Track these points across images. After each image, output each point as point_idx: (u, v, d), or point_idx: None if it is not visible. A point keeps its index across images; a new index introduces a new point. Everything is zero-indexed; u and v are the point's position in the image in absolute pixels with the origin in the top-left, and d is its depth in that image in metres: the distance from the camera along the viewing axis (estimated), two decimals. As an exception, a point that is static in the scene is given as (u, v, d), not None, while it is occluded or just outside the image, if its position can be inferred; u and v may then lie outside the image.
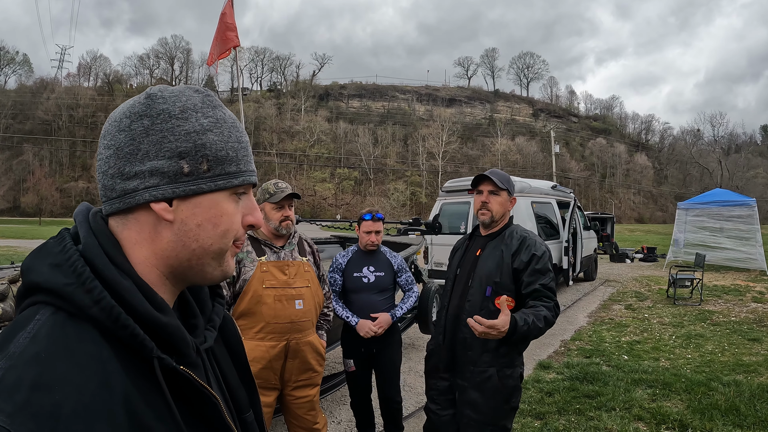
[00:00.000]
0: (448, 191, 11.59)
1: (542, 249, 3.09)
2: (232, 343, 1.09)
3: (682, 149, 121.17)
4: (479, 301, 3.11)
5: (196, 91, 0.89)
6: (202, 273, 0.90)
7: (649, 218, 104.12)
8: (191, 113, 0.85)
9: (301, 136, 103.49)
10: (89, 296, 0.73)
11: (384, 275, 4.13)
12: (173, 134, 0.83)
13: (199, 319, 0.97)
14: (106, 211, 0.85)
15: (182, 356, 0.83)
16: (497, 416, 3.05)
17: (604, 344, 7.92)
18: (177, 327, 0.82)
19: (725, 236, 18.14)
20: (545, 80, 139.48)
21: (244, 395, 1.05)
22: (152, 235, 0.85)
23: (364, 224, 4.11)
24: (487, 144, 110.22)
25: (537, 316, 2.83)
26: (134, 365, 0.76)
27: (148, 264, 0.85)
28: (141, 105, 0.84)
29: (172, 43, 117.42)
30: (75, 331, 0.72)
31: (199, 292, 1.01)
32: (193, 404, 0.84)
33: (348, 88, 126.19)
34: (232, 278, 3.22)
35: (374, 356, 4.12)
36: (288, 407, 3.44)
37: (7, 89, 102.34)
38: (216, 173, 0.87)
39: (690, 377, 6.07)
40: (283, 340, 3.23)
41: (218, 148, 0.87)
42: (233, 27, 6.04)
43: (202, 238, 0.87)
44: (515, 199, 3.32)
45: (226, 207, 0.89)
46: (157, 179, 0.82)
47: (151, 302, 0.79)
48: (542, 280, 3.01)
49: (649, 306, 11.33)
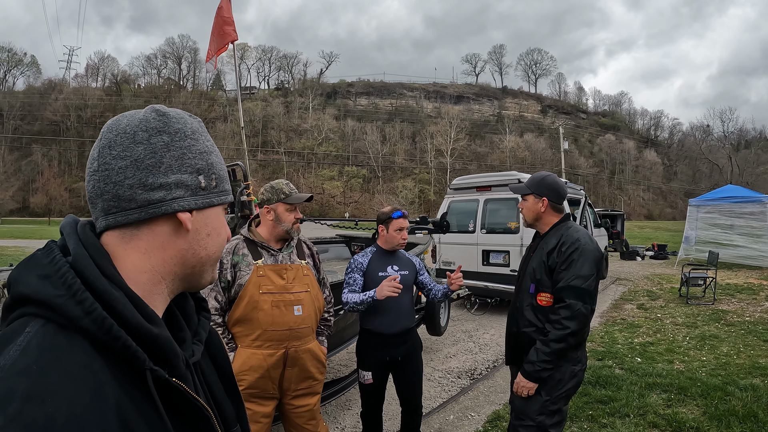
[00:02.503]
0: (456, 189, 11.43)
1: (576, 246, 3.05)
2: (218, 357, 1.11)
3: (691, 145, 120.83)
4: (527, 298, 3.22)
5: (191, 116, 0.96)
6: (200, 278, 0.97)
7: (658, 215, 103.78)
8: (198, 135, 0.94)
9: (309, 135, 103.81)
10: (80, 307, 0.73)
11: (408, 274, 3.92)
12: (191, 152, 0.91)
13: (186, 333, 0.98)
14: (112, 223, 0.86)
15: (173, 368, 0.84)
16: (533, 412, 3.07)
17: (617, 346, 7.74)
18: (168, 339, 0.83)
19: (737, 233, 17.88)
20: (553, 76, 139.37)
21: (231, 409, 1.06)
22: (165, 243, 0.89)
23: (395, 222, 3.87)
24: (495, 141, 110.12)
25: (543, 347, 2.99)
26: (126, 376, 0.76)
27: (153, 272, 0.88)
28: (157, 121, 0.88)
29: (180, 43, 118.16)
30: (66, 343, 0.72)
31: (185, 305, 1.02)
32: (184, 417, 0.85)
33: (356, 85, 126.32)
34: (227, 283, 3.08)
35: (398, 364, 3.88)
36: (287, 417, 3.29)
37: (16, 90, 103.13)
38: (220, 189, 0.97)
39: (705, 381, 5.88)
40: (281, 348, 3.08)
41: (219, 168, 0.97)
42: (230, 21, 5.90)
43: (209, 247, 0.95)
44: (546, 199, 3.29)
45: (223, 219, 1.00)
46: (182, 191, 0.89)
47: (142, 314, 0.80)
48: (570, 279, 2.99)
49: (662, 305, 11.14)
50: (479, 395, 5.82)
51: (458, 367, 7.00)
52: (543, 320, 3.11)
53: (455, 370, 6.86)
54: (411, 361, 3.89)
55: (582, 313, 2.95)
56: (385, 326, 3.69)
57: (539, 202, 3.28)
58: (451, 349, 7.94)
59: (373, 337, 3.79)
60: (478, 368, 6.93)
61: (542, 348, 2.99)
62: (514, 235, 9.91)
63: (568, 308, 2.95)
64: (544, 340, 3.00)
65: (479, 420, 5.12)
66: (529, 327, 3.16)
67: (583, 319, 2.97)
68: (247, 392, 3.04)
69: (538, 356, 2.99)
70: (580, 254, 3.02)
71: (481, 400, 5.65)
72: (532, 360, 3.01)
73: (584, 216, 12.76)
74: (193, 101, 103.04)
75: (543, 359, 2.97)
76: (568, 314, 2.94)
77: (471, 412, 5.33)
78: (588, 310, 2.99)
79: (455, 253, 10.99)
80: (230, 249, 3.15)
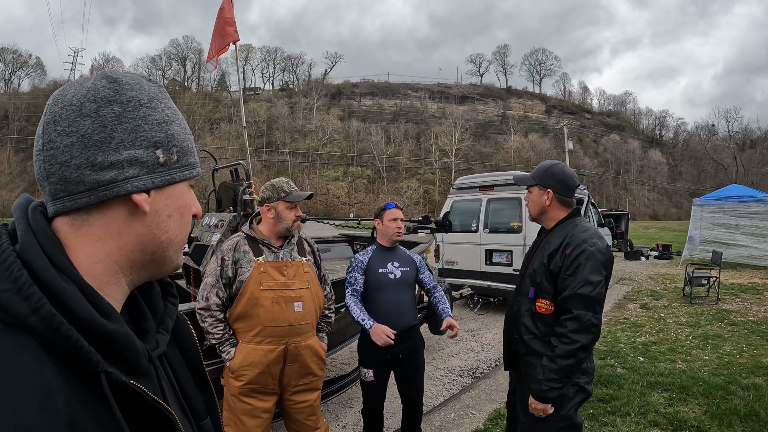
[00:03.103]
0: (459, 188, 11.43)
1: (583, 249, 2.74)
2: (186, 347, 1.04)
3: (696, 145, 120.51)
4: (525, 302, 2.99)
5: (149, 81, 0.86)
6: (162, 265, 0.88)
7: (663, 215, 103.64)
8: (157, 103, 0.83)
9: (314, 135, 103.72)
10: (26, 304, 0.66)
11: (409, 270, 3.91)
12: (147, 123, 0.80)
13: (150, 323, 0.91)
14: (60, 209, 0.77)
15: (132, 365, 0.77)
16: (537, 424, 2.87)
17: (619, 345, 7.74)
18: (126, 335, 0.75)
19: (741, 233, 17.79)
20: (558, 76, 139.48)
21: (200, 401, 1.01)
22: (120, 229, 0.80)
23: (388, 213, 3.89)
24: (500, 141, 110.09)
25: (550, 363, 2.72)
26: (80, 380, 0.69)
27: (108, 261, 0.80)
28: (107, 90, 0.78)
29: (184, 44, 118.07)
30: (12, 345, 0.65)
31: (150, 292, 0.95)
32: (146, 420, 0.78)
33: (360, 86, 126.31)
34: (228, 279, 3.12)
35: (399, 362, 3.87)
36: (288, 412, 3.33)
37: (21, 92, 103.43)
38: (183, 164, 0.86)
39: (708, 380, 5.88)
40: (281, 344, 3.12)
41: (182, 139, 0.86)
42: (232, 22, 5.90)
43: (171, 229, 0.86)
44: (551, 191, 2.97)
45: (187, 197, 0.89)
46: (136, 169, 0.79)
47: (96, 308, 0.72)
48: (576, 287, 2.70)
49: (665, 305, 11.11)
50: (480, 393, 5.83)
51: (460, 365, 7.01)
52: (542, 329, 2.87)
53: (457, 368, 6.87)
54: (412, 360, 3.89)
55: (592, 323, 2.67)
56: (387, 324, 3.65)
57: (544, 194, 2.99)
58: (453, 348, 7.95)
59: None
60: (480, 367, 6.93)
61: (549, 365, 2.70)
62: (516, 234, 9.91)
63: (576, 320, 2.66)
64: (550, 356, 2.72)
65: (480, 418, 5.13)
66: (528, 334, 2.92)
67: (594, 332, 2.70)
68: (248, 387, 3.08)
69: (545, 374, 2.70)
70: (587, 258, 2.71)
71: (482, 399, 5.66)
72: (539, 379, 2.73)
73: (587, 216, 12.75)
74: (197, 102, 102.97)
75: (550, 377, 2.68)
76: (576, 326, 2.66)
77: (472, 410, 5.34)
78: (598, 320, 2.71)
79: (458, 252, 11.00)
80: (232, 246, 3.18)
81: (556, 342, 2.73)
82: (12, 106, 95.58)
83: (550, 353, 2.74)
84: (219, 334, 3.10)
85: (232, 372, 3.09)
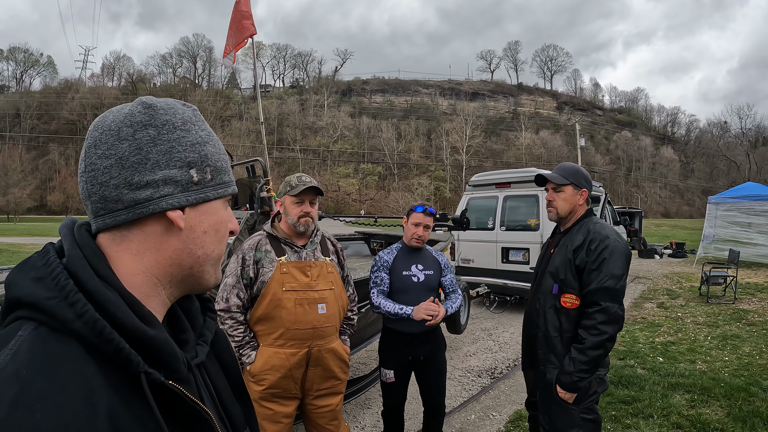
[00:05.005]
0: (475, 186, 11.34)
1: (606, 244, 2.91)
2: (225, 359, 1.08)
3: (708, 142, 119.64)
4: (548, 299, 3.09)
5: (184, 105, 0.91)
6: (201, 280, 0.92)
7: (675, 213, 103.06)
8: (190, 125, 0.89)
9: (324, 132, 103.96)
10: (72, 310, 0.71)
11: (433, 274, 3.80)
12: (180, 144, 0.86)
13: (190, 334, 0.96)
14: (101, 226, 0.84)
15: (172, 371, 0.81)
16: (566, 427, 2.98)
17: (638, 345, 7.65)
18: (165, 341, 0.80)
19: (756, 231, 17.60)
20: (569, 73, 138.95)
21: (239, 412, 1.04)
22: (158, 244, 0.85)
23: (414, 216, 3.76)
24: (511, 138, 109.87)
25: (580, 355, 2.86)
26: (122, 381, 0.74)
27: (147, 274, 0.85)
28: (142, 114, 0.84)
29: (194, 42, 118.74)
30: (57, 347, 0.70)
31: (190, 307, 1.00)
32: (184, 421, 0.82)
33: (370, 83, 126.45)
34: (249, 280, 3.03)
35: (420, 363, 3.80)
36: (309, 417, 3.24)
37: (32, 90, 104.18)
38: (217, 182, 0.91)
39: (729, 382, 5.79)
40: (304, 348, 3.03)
41: (216, 159, 0.91)
42: (249, 15, 5.83)
43: (207, 245, 0.90)
44: (586, 191, 3.15)
45: (223, 214, 0.93)
46: (171, 188, 0.84)
47: (137, 315, 0.77)
48: (603, 281, 2.85)
49: (682, 304, 11.01)
50: (500, 394, 5.76)
51: (478, 365, 6.94)
52: (566, 324, 2.99)
53: (475, 368, 6.81)
54: (434, 361, 3.81)
55: (619, 315, 2.83)
56: (409, 325, 3.60)
57: (578, 193, 3.13)
58: (471, 347, 7.89)
59: (395, 336, 3.72)
60: (499, 367, 6.87)
61: (579, 357, 2.85)
62: (533, 232, 9.82)
63: (604, 312, 2.82)
64: (580, 348, 2.86)
65: (501, 420, 5.07)
66: (553, 331, 3.03)
67: (620, 322, 2.85)
68: (269, 392, 3.00)
69: (575, 366, 2.84)
70: (611, 252, 2.87)
71: (502, 400, 5.60)
72: (569, 371, 2.86)
73: (603, 214, 12.65)
74: (208, 99, 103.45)
75: (581, 368, 2.83)
76: (604, 318, 2.81)
77: (492, 411, 5.28)
78: (623, 311, 2.86)
79: (474, 250, 10.93)
80: (253, 245, 3.10)
81: (584, 334, 2.86)
82: (23, 104, 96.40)
83: (580, 345, 2.87)
84: (239, 336, 3.00)
85: (252, 376, 2.99)
